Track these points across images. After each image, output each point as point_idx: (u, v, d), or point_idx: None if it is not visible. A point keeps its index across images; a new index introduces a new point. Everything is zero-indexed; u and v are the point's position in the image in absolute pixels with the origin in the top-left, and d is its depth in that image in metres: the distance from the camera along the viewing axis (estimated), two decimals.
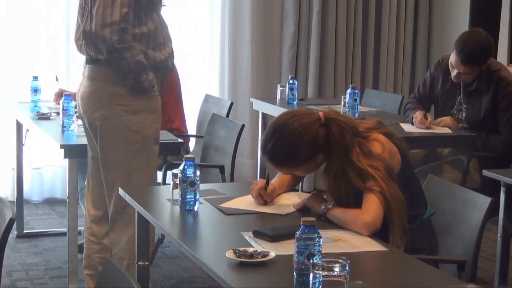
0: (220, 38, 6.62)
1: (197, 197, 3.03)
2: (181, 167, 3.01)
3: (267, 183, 3.15)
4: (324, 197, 3.07)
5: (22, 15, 6.15)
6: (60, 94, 5.05)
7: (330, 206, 2.93)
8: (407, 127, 4.73)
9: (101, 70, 3.73)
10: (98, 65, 3.73)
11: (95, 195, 3.93)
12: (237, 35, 6.63)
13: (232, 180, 4.64)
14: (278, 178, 3.24)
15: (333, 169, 2.99)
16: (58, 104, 4.92)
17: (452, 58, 4.69)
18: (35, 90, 5.04)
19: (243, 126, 4.70)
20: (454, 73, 4.72)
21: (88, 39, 3.69)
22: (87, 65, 3.78)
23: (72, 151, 4.10)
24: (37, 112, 4.86)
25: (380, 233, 2.83)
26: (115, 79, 3.72)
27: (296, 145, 2.95)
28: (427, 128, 4.68)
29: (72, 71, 6.14)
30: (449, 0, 6.93)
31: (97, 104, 3.75)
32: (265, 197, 3.12)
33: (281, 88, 5.60)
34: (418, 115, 4.73)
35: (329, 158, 3.00)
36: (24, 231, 5.42)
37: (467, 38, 4.71)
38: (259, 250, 2.53)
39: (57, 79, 5.27)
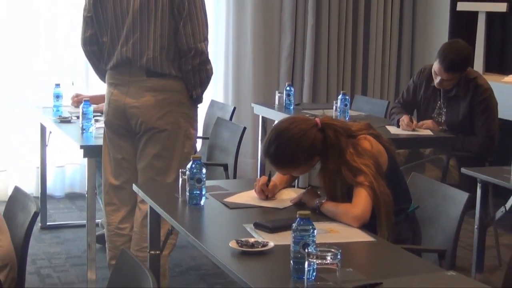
0: (225, 49, 6.63)
1: (203, 192, 3.03)
2: (189, 165, 3.01)
3: (269, 180, 3.15)
4: (318, 192, 3.07)
5: (45, 26, 6.15)
6: (76, 97, 5.06)
7: (323, 201, 2.93)
8: (392, 130, 4.73)
9: (168, 83, 3.74)
10: (165, 78, 3.73)
11: (126, 192, 3.88)
12: (240, 47, 6.64)
13: (235, 177, 4.64)
14: (278, 176, 3.24)
15: (329, 169, 2.99)
16: (75, 106, 4.93)
17: (436, 66, 4.69)
18: (57, 96, 5.04)
19: (245, 128, 4.70)
20: (437, 80, 4.71)
21: (161, 54, 3.69)
22: (148, 78, 3.73)
23: (90, 151, 4.09)
24: (59, 116, 4.85)
25: (368, 225, 2.82)
26: (182, 90, 3.76)
27: (296, 148, 2.95)
28: (412, 130, 4.68)
29: (90, 76, 6.15)
30: (430, 15, 6.93)
31: (163, 112, 3.74)
32: (266, 192, 3.13)
33: (279, 94, 5.60)
34: (404, 118, 4.72)
35: (325, 160, 3.00)
36: (47, 223, 5.43)
37: (449, 48, 4.71)
38: (259, 241, 2.53)
39: (73, 84, 5.27)
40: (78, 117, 4.52)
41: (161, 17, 3.66)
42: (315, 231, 2.30)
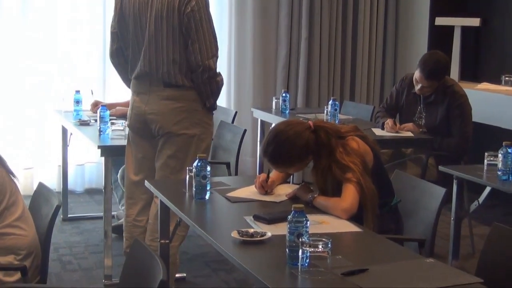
0: (227, 59, 6.62)
1: (208, 188, 3.03)
2: (195, 163, 3.01)
3: (268, 177, 3.15)
4: (311, 188, 3.06)
5: (68, 40, 6.15)
6: (95, 105, 5.04)
7: (315, 195, 2.93)
8: (377, 132, 4.73)
9: (183, 93, 3.73)
10: (180, 88, 3.72)
11: (144, 188, 3.81)
12: (241, 57, 6.65)
13: (236, 174, 4.63)
14: (275, 173, 3.23)
15: (321, 166, 2.99)
16: (94, 112, 4.91)
17: (417, 75, 4.68)
18: (77, 102, 5.03)
19: (245, 130, 4.70)
20: (418, 87, 4.71)
21: (174, 67, 3.68)
22: (165, 88, 3.72)
23: (107, 151, 4.09)
24: (79, 119, 4.85)
25: (356, 217, 2.82)
26: (196, 99, 3.75)
27: (292, 148, 2.95)
28: (396, 132, 4.68)
29: (107, 85, 6.17)
30: (411, 29, 6.93)
31: (178, 118, 3.73)
32: (265, 187, 3.13)
33: (276, 100, 5.61)
34: (388, 122, 4.72)
35: (317, 158, 3.00)
36: (68, 216, 5.42)
37: (429, 58, 4.71)
38: (258, 231, 2.53)
39: (92, 93, 5.26)
40: (96, 120, 4.52)
41: (173, 36, 3.67)
42: (308, 222, 2.29)
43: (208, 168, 3.01)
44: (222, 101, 6.53)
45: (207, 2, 3.71)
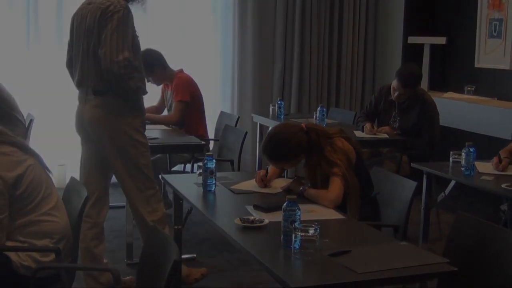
0: (231, 72, 6.64)
1: (215, 181, 3.02)
2: (204, 160, 3.01)
3: (267, 172, 3.15)
4: (302, 181, 3.06)
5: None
6: None
7: (306, 188, 2.93)
8: (358, 134, 4.72)
9: (109, 99, 3.44)
10: (106, 96, 3.44)
11: (92, 186, 3.61)
12: (243, 70, 6.65)
13: (239, 170, 4.63)
14: (271, 168, 3.23)
15: (312, 162, 3.00)
16: None
17: (394, 83, 4.69)
18: None
19: (246, 132, 4.70)
20: (395, 94, 4.71)
21: (97, 76, 3.42)
22: (95, 96, 3.46)
23: None
24: None
25: (340, 206, 2.82)
26: (120, 105, 3.44)
27: (287, 147, 2.95)
28: (374, 134, 4.67)
29: None
30: (388, 46, 6.93)
31: (108, 124, 3.46)
32: (265, 181, 3.12)
33: (272, 107, 5.60)
34: (367, 125, 4.72)
35: (308, 155, 3.00)
36: None
37: (405, 69, 4.73)
38: (257, 218, 2.53)
39: None
40: None
41: (97, 46, 3.39)
42: (300, 211, 2.29)
43: (215, 165, 3.01)
44: (226, 107, 6.55)
45: (126, 16, 3.36)
